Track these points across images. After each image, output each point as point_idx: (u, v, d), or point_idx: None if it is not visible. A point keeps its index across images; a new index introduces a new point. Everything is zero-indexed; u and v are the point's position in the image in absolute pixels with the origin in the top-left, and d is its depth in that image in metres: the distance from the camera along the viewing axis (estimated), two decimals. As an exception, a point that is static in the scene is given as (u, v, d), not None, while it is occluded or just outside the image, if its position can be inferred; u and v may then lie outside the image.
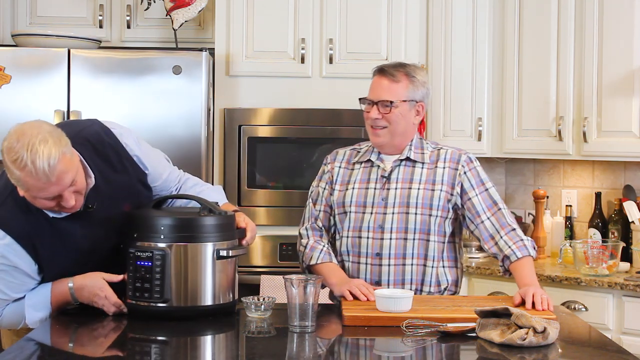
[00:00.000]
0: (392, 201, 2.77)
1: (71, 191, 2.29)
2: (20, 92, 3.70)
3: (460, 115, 4.23)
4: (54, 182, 2.22)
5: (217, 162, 3.96)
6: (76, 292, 2.43)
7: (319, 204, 2.88)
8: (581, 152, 3.93)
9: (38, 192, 2.25)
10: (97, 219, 2.44)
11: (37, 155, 2.18)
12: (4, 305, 2.45)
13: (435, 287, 2.79)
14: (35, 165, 2.18)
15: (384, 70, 2.78)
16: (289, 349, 2.22)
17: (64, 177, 2.24)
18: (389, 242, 2.75)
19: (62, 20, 4.18)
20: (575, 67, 3.94)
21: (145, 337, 2.33)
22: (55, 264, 2.42)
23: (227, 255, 2.47)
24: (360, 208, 2.79)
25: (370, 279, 2.76)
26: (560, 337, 2.22)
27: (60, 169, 2.22)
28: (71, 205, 2.31)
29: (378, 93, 2.77)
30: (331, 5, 3.97)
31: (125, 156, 2.53)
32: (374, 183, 2.81)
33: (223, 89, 3.99)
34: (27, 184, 2.23)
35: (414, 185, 2.78)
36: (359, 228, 2.78)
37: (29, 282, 2.43)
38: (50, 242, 2.39)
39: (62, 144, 2.24)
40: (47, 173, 2.19)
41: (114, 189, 2.48)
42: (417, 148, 2.83)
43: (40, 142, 2.19)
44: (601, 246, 3.67)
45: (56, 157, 2.20)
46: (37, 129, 2.23)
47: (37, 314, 2.43)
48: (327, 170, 2.90)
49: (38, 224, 2.37)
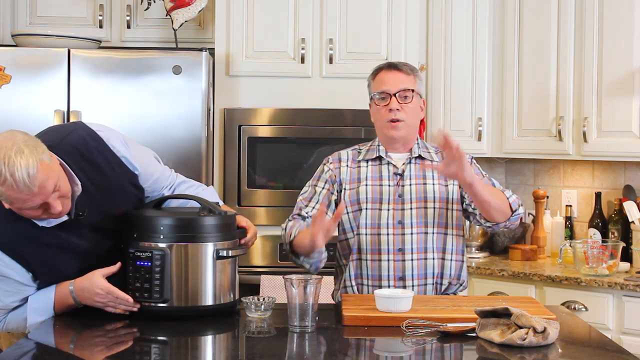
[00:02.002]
0: (408, 197, 2.80)
1: (56, 197, 2.25)
2: (20, 92, 3.70)
3: (460, 115, 4.23)
4: (37, 192, 2.20)
5: (217, 162, 3.96)
6: (77, 295, 2.41)
7: (313, 202, 2.85)
8: (581, 152, 3.93)
9: (22, 203, 2.23)
10: (89, 225, 2.43)
11: (15, 167, 2.15)
12: (5, 314, 2.44)
13: (456, 279, 2.83)
14: (15, 177, 2.15)
15: (394, 64, 2.85)
16: (289, 349, 2.22)
17: (46, 185, 2.21)
18: (411, 237, 2.77)
19: (62, 20, 4.18)
20: (575, 67, 3.94)
21: (145, 337, 2.33)
22: (51, 272, 2.40)
23: (227, 255, 2.47)
24: (376, 204, 2.80)
25: (393, 275, 2.78)
26: (560, 337, 2.22)
27: (41, 177, 2.19)
28: (58, 211, 2.28)
29: (396, 84, 2.79)
30: (331, 5, 3.97)
31: (113, 159, 2.50)
32: (387, 180, 2.82)
33: (223, 89, 3.99)
34: (10, 197, 2.21)
35: (428, 180, 2.82)
36: (378, 225, 2.79)
37: (25, 289, 2.41)
38: (41, 251, 2.36)
39: (38, 152, 2.20)
40: (28, 184, 2.17)
41: (104, 193, 2.46)
42: (423, 147, 2.89)
43: (17, 154, 2.16)
44: (601, 246, 3.67)
45: (35, 167, 2.17)
46: (10, 140, 2.19)
47: (39, 317, 2.42)
48: (327, 170, 2.89)
49: (26, 233, 2.34)
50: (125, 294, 2.39)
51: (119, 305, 2.40)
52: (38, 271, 2.39)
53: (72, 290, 2.41)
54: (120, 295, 2.38)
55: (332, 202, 2.86)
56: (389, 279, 2.78)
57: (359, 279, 2.82)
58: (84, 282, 2.40)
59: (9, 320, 2.45)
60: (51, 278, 2.42)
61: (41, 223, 2.35)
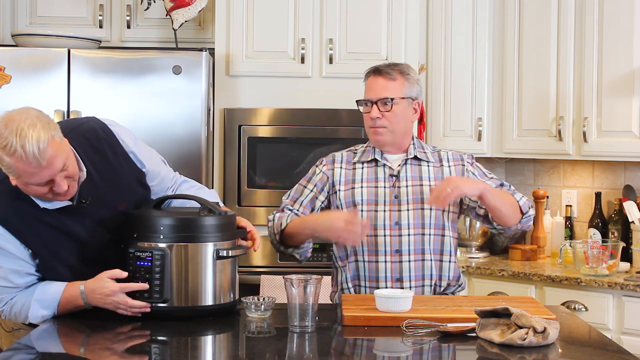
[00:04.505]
0: (405, 198, 2.79)
1: (63, 176, 2.27)
2: (20, 92, 3.70)
3: (460, 115, 4.23)
4: (45, 165, 2.21)
5: (217, 162, 3.96)
6: (87, 296, 2.41)
7: (297, 204, 2.85)
8: (581, 152, 3.93)
9: (30, 177, 2.24)
10: (90, 214, 2.43)
11: (26, 139, 2.17)
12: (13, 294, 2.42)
13: (455, 281, 2.83)
14: (25, 149, 2.17)
15: (378, 70, 2.81)
16: (289, 349, 2.22)
17: (55, 161, 2.23)
18: (408, 238, 2.77)
19: (62, 20, 4.18)
20: (575, 67, 3.94)
21: (145, 337, 2.33)
22: (50, 253, 2.40)
23: (227, 255, 2.47)
24: (372, 206, 2.80)
25: (390, 277, 2.77)
26: (560, 337, 2.23)
27: (50, 152, 2.21)
28: (64, 190, 2.29)
29: (376, 92, 2.78)
30: (331, 5, 3.97)
31: (121, 152, 2.53)
32: (383, 182, 2.82)
33: (223, 89, 3.99)
34: (18, 169, 2.22)
35: (424, 182, 2.82)
36: (374, 226, 2.78)
37: (27, 266, 2.41)
38: (40, 231, 2.37)
39: (50, 128, 2.23)
40: (38, 157, 2.19)
41: (109, 185, 2.47)
42: (419, 147, 2.88)
43: (29, 127, 2.19)
44: (601, 246, 3.67)
45: (45, 141, 2.19)
46: (24, 114, 2.23)
47: (41, 310, 2.42)
48: (319, 172, 2.88)
49: (26, 211, 2.35)
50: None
51: (130, 308, 2.39)
52: (37, 250, 2.39)
53: (82, 290, 2.40)
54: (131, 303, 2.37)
55: (317, 208, 2.85)
56: (387, 280, 2.77)
57: (356, 281, 2.82)
58: (94, 284, 2.40)
59: (13, 306, 2.43)
60: (50, 259, 2.41)
61: (43, 204, 2.36)
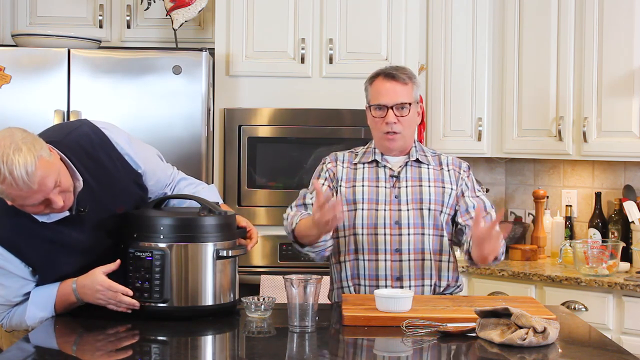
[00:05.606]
0: (405, 198, 2.80)
1: (57, 192, 2.26)
2: (20, 92, 3.70)
3: (460, 115, 4.23)
4: (37, 189, 2.20)
5: (217, 162, 3.96)
6: (79, 293, 2.41)
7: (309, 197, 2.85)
8: (581, 152, 3.93)
9: (24, 200, 2.23)
10: (90, 222, 2.43)
11: (13, 166, 2.15)
12: (9, 309, 2.44)
13: (454, 281, 2.84)
14: (14, 175, 2.15)
15: (392, 75, 2.79)
16: (289, 349, 2.22)
17: (46, 181, 2.21)
18: (408, 238, 2.77)
19: (62, 20, 4.18)
20: (575, 67, 3.94)
21: (145, 337, 2.33)
22: (51, 268, 2.40)
23: (227, 255, 2.47)
24: (372, 205, 2.80)
25: (390, 275, 2.77)
26: (560, 337, 2.22)
27: (40, 174, 2.19)
28: (60, 206, 2.28)
29: (392, 97, 2.77)
30: (331, 5, 3.97)
31: (116, 156, 2.50)
32: (384, 182, 2.82)
33: (223, 89, 3.98)
34: (11, 195, 2.21)
35: (424, 183, 2.83)
36: (375, 225, 2.79)
37: (26, 284, 2.41)
38: (41, 247, 2.36)
39: (36, 149, 2.20)
40: (27, 181, 2.17)
41: (107, 190, 2.46)
42: (420, 150, 2.89)
43: (15, 152, 2.16)
44: (601, 246, 3.67)
45: (33, 164, 2.17)
46: (9, 139, 2.19)
47: (38, 313, 2.42)
48: (326, 169, 2.89)
49: (25, 228, 2.34)
50: (124, 287, 2.38)
51: (120, 304, 2.39)
52: (37, 266, 2.39)
53: (74, 288, 2.41)
54: (120, 289, 2.38)
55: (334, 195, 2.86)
56: (386, 279, 2.77)
57: (355, 279, 2.82)
58: (86, 280, 2.40)
59: (12, 316, 2.44)
60: (51, 274, 2.42)
61: (41, 218, 2.35)
